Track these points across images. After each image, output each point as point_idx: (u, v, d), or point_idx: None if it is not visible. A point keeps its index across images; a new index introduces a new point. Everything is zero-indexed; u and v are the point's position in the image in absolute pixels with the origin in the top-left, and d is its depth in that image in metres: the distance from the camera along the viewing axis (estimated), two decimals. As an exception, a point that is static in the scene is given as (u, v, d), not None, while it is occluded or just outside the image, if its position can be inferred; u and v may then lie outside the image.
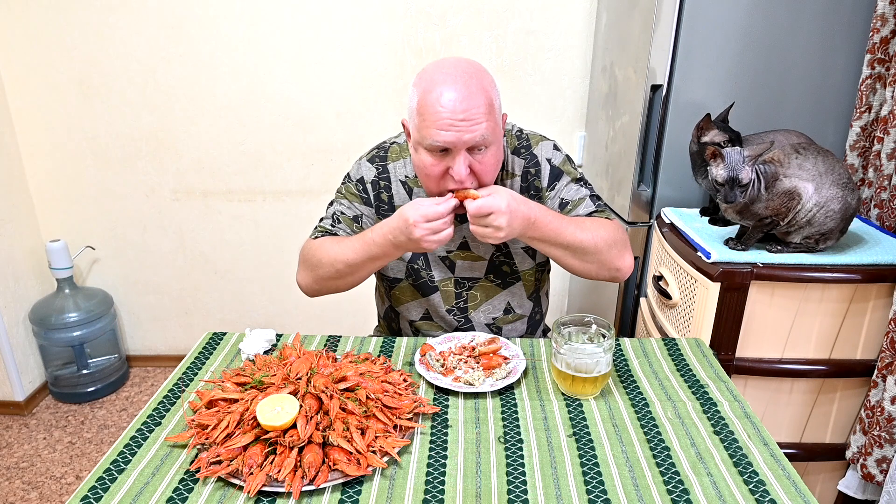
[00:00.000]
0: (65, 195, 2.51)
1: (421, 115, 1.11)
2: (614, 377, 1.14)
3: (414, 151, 1.18)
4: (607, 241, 1.20)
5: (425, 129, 1.11)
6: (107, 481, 0.89)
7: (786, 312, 1.39)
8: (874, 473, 1.40)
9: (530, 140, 1.30)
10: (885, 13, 1.49)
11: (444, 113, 1.08)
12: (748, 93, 1.63)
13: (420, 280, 1.34)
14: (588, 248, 1.19)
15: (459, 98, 1.08)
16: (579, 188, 1.29)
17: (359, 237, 1.22)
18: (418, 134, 1.13)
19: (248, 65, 2.33)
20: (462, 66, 1.12)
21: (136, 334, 2.78)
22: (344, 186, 1.33)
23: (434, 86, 1.10)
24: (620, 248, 1.23)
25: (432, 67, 1.14)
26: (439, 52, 2.31)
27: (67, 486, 2.11)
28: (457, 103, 1.08)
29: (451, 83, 1.09)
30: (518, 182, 1.29)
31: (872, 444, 1.39)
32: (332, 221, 1.32)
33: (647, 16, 1.65)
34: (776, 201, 1.32)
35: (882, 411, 1.36)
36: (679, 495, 0.86)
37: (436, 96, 1.09)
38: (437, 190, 1.18)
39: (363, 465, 0.88)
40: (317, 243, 1.28)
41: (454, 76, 1.10)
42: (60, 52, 2.30)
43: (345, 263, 1.22)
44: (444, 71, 1.11)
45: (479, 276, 1.34)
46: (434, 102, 1.09)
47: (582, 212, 1.26)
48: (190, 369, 1.17)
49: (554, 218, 1.17)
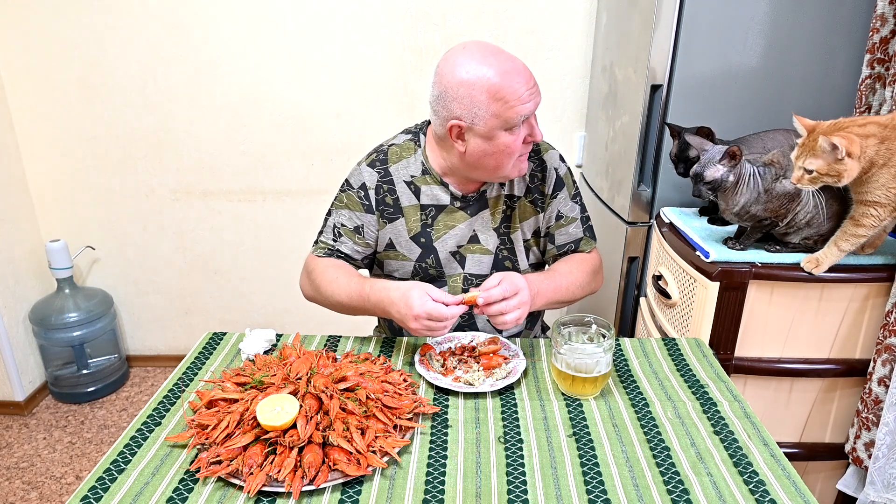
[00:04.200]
0: (65, 195, 2.52)
1: (500, 100, 1.14)
2: (614, 377, 1.14)
3: (486, 141, 1.18)
4: (588, 279, 1.35)
5: (510, 108, 1.14)
6: (107, 481, 0.89)
7: (785, 312, 1.39)
8: (863, 458, 1.40)
9: (540, 146, 1.36)
10: (885, 13, 1.49)
11: (522, 87, 1.14)
12: (748, 93, 1.64)
13: (427, 278, 1.34)
14: (576, 296, 1.34)
15: (519, 69, 1.15)
16: (574, 205, 1.38)
17: (358, 284, 1.23)
18: (499, 119, 1.15)
19: (248, 65, 2.33)
20: (488, 46, 1.17)
21: (136, 334, 2.78)
22: (345, 195, 1.32)
23: (486, 69, 1.13)
24: (597, 277, 1.41)
25: (460, 57, 1.15)
26: (439, 53, 2.31)
27: (67, 486, 2.11)
28: (523, 75, 1.15)
29: (502, 62, 1.14)
30: (525, 182, 1.33)
31: (861, 428, 1.40)
32: (333, 235, 1.32)
33: (647, 16, 1.65)
34: (775, 203, 1.32)
35: (870, 393, 1.37)
36: (679, 495, 0.86)
37: (506, 77, 1.13)
38: (511, 166, 1.22)
39: (363, 465, 0.88)
40: (321, 267, 1.30)
41: (492, 53, 1.15)
42: (60, 52, 2.30)
43: (338, 302, 1.27)
44: (476, 55, 1.15)
45: (486, 272, 1.35)
46: (509, 83, 1.13)
47: (572, 231, 1.37)
48: (190, 369, 1.17)
49: (550, 282, 1.28)
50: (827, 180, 1.21)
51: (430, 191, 1.29)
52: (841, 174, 1.19)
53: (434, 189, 1.29)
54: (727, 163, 1.30)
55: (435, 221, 1.31)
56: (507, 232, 1.34)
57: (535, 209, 1.34)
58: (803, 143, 1.23)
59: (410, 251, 1.32)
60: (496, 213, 1.33)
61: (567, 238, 1.37)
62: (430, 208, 1.30)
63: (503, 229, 1.34)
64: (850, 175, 1.19)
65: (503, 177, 1.25)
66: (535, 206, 1.34)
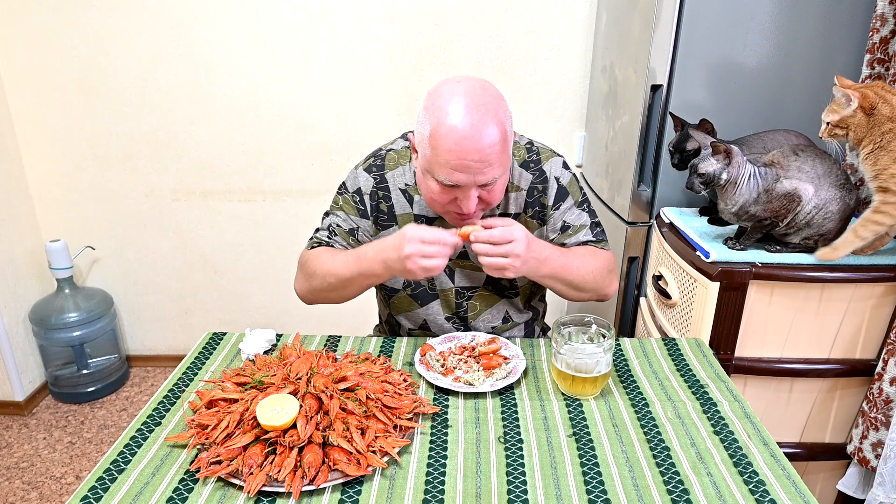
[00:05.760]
0: (65, 195, 2.51)
1: (433, 148, 1.06)
2: (614, 377, 1.14)
3: (421, 174, 1.14)
4: (602, 273, 1.25)
5: (437, 164, 1.06)
6: (107, 481, 0.89)
7: (785, 312, 1.39)
8: (869, 458, 1.40)
9: (540, 155, 1.28)
10: (885, 13, 1.49)
11: (458, 153, 1.03)
12: (748, 93, 1.64)
13: (419, 289, 1.33)
14: (588, 283, 1.23)
15: (474, 138, 1.02)
16: (581, 213, 1.29)
17: (354, 251, 1.20)
18: (427, 163, 1.09)
19: (248, 65, 2.33)
20: (477, 97, 1.05)
21: (136, 334, 2.78)
22: (341, 198, 1.30)
23: (447, 119, 1.03)
24: (611, 278, 1.29)
25: (446, 93, 1.06)
26: (439, 53, 2.31)
27: (67, 486, 2.11)
28: (471, 144, 1.03)
29: (466, 119, 1.02)
30: (524, 196, 1.27)
31: (869, 428, 1.39)
32: (328, 233, 1.30)
33: (647, 16, 1.65)
34: (775, 203, 1.32)
35: (881, 392, 1.36)
36: (679, 495, 0.86)
37: (449, 133, 1.03)
38: (442, 213, 1.17)
39: (363, 465, 0.88)
40: (313, 254, 1.27)
41: (468, 109, 1.03)
42: (60, 52, 2.30)
43: (336, 277, 1.21)
44: (457, 101, 1.04)
45: (477, 285, 1.32)
46: (447, 140, 1.03)
47: (581, 238, 1.28)
48: (190, 369, 1.17)
49: (561, 255, 1.19)
50: (838, 132, 1.27)
51: (423, 201, 1.26)
52: (849, 126, 1.25)
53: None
54: (721, 158, 1.31)
55: None
56: None
57: (536, 223, 1.29)
58: (834, 99, 1.30)
59: None
60: None
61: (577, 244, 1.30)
62: (422, 218, 1.27)
63: None
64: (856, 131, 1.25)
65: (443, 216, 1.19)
66: (536, 220, 1.29)
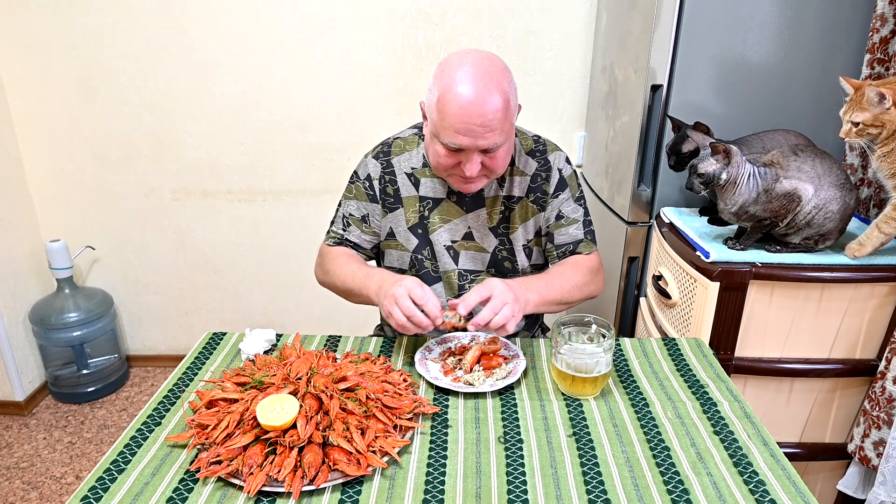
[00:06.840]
0: (65, 195, 2.51)
1: (440, 113, 1.14)
2: (614, 377, 1.14)
3: (430, 138, 1.22)
4: (586, 280, 1.32)
5: (442, 127, 1.14)
6: (107, 481, 0.89)
7: (785, 312, 1.39)
8: (871, 457, 1.40)
9: (547, 146, 1.36)
10: (885, 13, 1.49)
11: (462, 117, 1.11)
12: (748, 93, 1.64)
13: (423, 271, 1.36)
14: (574, 296, 1.31)
15: (478, 103, 1.10)
16: (577, 207, 1.37)
17: (364, 269, 1.29)
18: (434, 127, 1.17)
19: (248, 65, 2.33)
20: (483, 67, 1.12)
21: (136, 334, 2.78)
22: (354, 186, 1.37)
23: (454, 85, 1.11)
24: (597, 279, 1.37)
25: (455, 62, 1.14)
26: (439, 53, 2.31)
27: (67, 486, 2.11)
28: (475, 109, 1.10)
29: (471, 85, 1.10)
30: (527, 181, 1.33)
31: (870, 427, 1.39)
32: (342, 225, 1.38)
33: (647, 16, 1.65)
34: (775, 203, 1.32)
35: (884, 391, 1.36)
36: (679, 495, 0.86)
37: (455, 98, 1.11)
38: (446, 176, 1.25)
39: (363, 465, 0.88)
40: (332, 255, 1.36)
41: (474, 77, 1.11)
42: (60, 52, 2.30)
43: (343, 284, 1.31)
44: (465, 69, 1.12)
45: (480, 268, 1.37)
46: (452, 104, 1.11)
47: (573, 232, 1.36)
48: (190, 369, 1.17)
49: (539, 282, 1.26)
50: (872, 131, 1.27)
51: (429, 183, 1.33)
52: (885, 124, 1.25)
53: (433, 182, 1.33)
54: (721, 158, 1.31)
55: (431, 214, 1.34)
56: (506, 233, 1.35)
57: (537, 208, 1.35)
58: (851, 100, 1.29)
59: (408, 241, 1.35)
60: (493, 213, 1.33)
61: (567, 238, 1.36)
62: (428, 200, 1.34)
63: (501, 230, 1.35)
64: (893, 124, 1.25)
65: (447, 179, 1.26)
66: (537, 206, 1.35)
